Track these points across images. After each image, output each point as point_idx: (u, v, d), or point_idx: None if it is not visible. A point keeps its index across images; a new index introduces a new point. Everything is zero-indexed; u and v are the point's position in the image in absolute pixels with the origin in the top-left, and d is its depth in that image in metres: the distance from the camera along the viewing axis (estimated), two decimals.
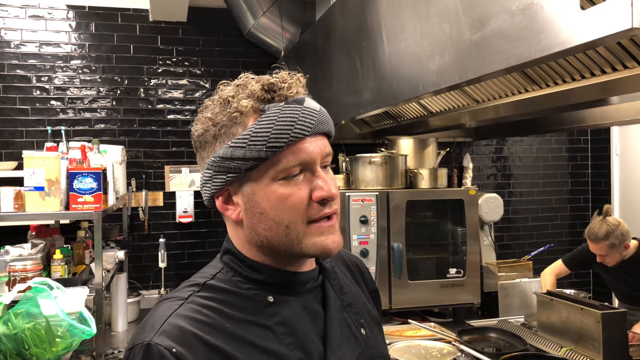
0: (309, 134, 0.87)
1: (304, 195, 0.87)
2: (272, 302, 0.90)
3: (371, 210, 3.14)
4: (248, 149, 0.85)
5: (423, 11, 1.86)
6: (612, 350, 2.35)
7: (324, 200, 0.88)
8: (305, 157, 0.86)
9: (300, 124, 0.86)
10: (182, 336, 0.83)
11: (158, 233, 4.01)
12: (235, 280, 0.92)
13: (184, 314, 0.86)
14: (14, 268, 2.15)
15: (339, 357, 0.91)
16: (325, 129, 0.91)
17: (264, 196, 0.87)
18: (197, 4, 4.09)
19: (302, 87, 0.93)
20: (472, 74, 1.62)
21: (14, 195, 2.24)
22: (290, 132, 0.85)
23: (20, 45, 3.85)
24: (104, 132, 3.97)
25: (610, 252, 2.92)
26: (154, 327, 0.84)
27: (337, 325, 0.95)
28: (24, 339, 1.60)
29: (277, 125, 0.85)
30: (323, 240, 0.88)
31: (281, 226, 0.87)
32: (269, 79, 0.90)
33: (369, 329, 1.02)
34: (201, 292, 0.90)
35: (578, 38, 1.19)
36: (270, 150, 0.85)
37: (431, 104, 2.74)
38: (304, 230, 0.88)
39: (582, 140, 4.78)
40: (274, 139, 0.84)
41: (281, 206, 0.87)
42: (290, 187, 0.87)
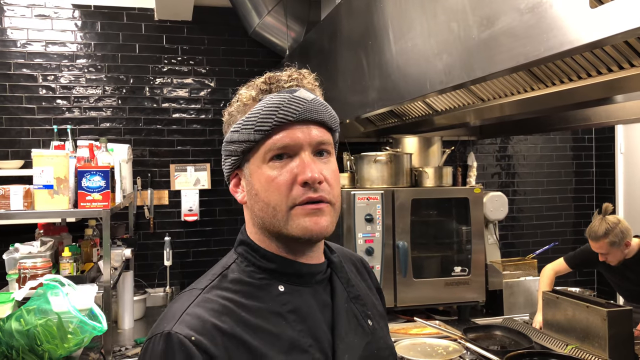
0: (294, 120, 0.92)
1: (289, 178, 0.92)
2: (283, 292, 0.94)
3: (376, 208, 3.15)
4: (241, 132, 0.94)
5: (430, 10, 1.87)
6: (617, 348, 2.36)
7: (306, 183, 0.91)
8: (289, 141, 0.92)
9: (284, 110, 0.92)
10: (200, 325, 0.86)
11: (163, 231, 4.02)
12: (248, 271, 0.96)
13: (202, 305, 0.90)
14: (24, 265, 2.17)
15: (347, 344, 0.95)
16: (315, 117, 0.95)
17: (257, 178, 0.94)
18: (202, 3, 4.10)
19: (309, 82, 1.01)
20: (479, 73, 1.62)
21: (23, 193, 2.26)
22: (274, 116, 0.92)
23: (27, 45, 3.87)
24: (109, 131, 3.99)
25: (612, 250, 2.92)
26: (173, 318, 0.88)
27: (345, 316, 0.98)
28: (36, 335, 1.62)
29: (264, 110, 0.93)
30: (305, 222, 0.92)
31: (269, 207, 0.93)
32: (270, 74, 0.99)
33: (375, 322, 1.06)
34: (217, 282, 0.94)
35: (587, 37, 1.19)
36: (258, 133, 0.92)
37: (436, 102, 2.75)
38: (287, 213, 0.92)
39: (587, 138, 4.79)
40: (261, 122, 0.92)
41: (268, 187, 0.92)
42: (277, 170, 0.93)
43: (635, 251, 3.00)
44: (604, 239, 2.89)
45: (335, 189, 0.96)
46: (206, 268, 1.03)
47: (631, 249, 2.97)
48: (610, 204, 2.98)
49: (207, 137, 4.18)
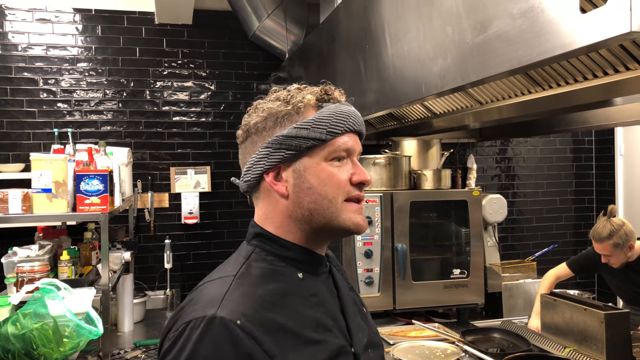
0: (355, 130, 1.07)
1: (347, 177, 1.04)
2: (303, 278, 1.03)
3: (375, 211, 3.16)
4: (312, 130, 1.02)
5: (426, 14, 1.88)
6: (615, 351, 2.36)
7: (361, 183, 1.05)
8: (350, 146, 1.05)
9: (352, 119, 1.06)
10: (243, 309, 0.90)
11: (164, 234, 4.03)
12: (269, 259, 1.03)
13: (238, 290, 0.94)
14: (21, 269, 2.18)
15: (357, 325, 1.08)
16: (363, 130, 1.11)
17: (314, 173, 1.03)
18: (202, 6, 4.11)
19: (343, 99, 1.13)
20: (474, 77, 1.63)
21: (22, 197, 2.27)
22: (346, 123, 1.04)
23: (28, 49, 3.89)
24: (110, 134, 4.00)
25: (615, 252, 2.91)
26: (214, 303, 0.90)
27: (350, 302, 1.11)
28: (32, 338, 1.63)
29: (337, 116, 1.04)
30: (357, 218, 1.05)
31: (325, 199, 1.02)
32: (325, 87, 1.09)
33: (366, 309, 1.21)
34: (245, 269, 1.00)
35: (578, 41, 1.20)
36: (330, 134, 1.03)
37: (435, 105, 2.75)
38: (342, 206, 1.03)
39: (587, 141, 4.78)
40: (334, 125, 1.03)
41: (328, 182, 1.03)
42: (337, 168, 1.04)
43: (638, 254, 2.98)
44: (608, 241, 2.87)
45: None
46: (207, 271, 1.05)
47: (634, 251, 2.96)
48: (614, 206, 2.98)
49: (207, 140, 4.19)
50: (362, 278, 3.12)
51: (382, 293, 3.15)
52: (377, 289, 3.14)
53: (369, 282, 3.12)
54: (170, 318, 0.96)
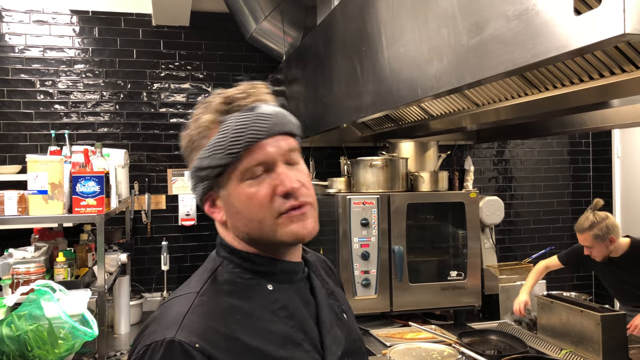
0: (263, 137, 0.95)
1: (268, 192, 0.95)
2: (272, 290, 0.98)
3: (372, 213, 3.16)
4: (212, 157, 0.95)
5: (421, 16, 1.88)
6: (611, 353, 2.36)
7: (287, 194, 0.96)
8: (262, 157, 0.95)
9: (252, 129, 0.95)
10: (202, 331, 0.88)
11: (161, 236, 4.03)
12: (236, 272, 0.99)
13: (200, 308, 0.91)
14: (17, 271, 2.17)
15: (333, 336, 1.02)
16: (282, 129, 0.98)
17: (235, 197, 0.97)
18: (200, 8, 4.11)
19: (265, 95, 1.02)
20: (469, 78, 1.63)
21: (17, 198, 2.27)
22: (244, 138, 0.94)
23: (25, 50, 3.89)
24: (107, 136, 4.00)
25: (596, 244, 2.96)
26: (174, 324, 0.88)
27: (327, 310, 1.05)
28: (27, 340, 1.62)
29: (233, 133, 0.94)
30: (293, 228, 0.97)
31: (254, 222, 0.96)
32: (227, 93, 1.00)
33: (347, 315, 1.13)
34: (210, 285, 0.96)
35: (572, 43, 1.20)
36: (230, 156, 0.94)
37: (432, 107, 2.76)
38: (275, 223, 0.96)
39: (584, 143, 4.79)
40: (231, 145, 0.94)
41: (250, 204, 0.96)
42: (255, 186, 0.96)
43: (623, 250, 3.03)
44: (588, 232, 2.94)
45: (311, 190, 1.02)
46: None
47: (618, 247, 3.01)
48: (600, 200, 3.04)
49: None
50: (359, 280, 3.11)
51: (379, 295, 3.15)
52: (374, 291, 3.14)
53: (366, 284, 3.11)
54: (137, 335, 0.95)
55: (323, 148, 4.25)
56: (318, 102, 3.06)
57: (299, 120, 1.09)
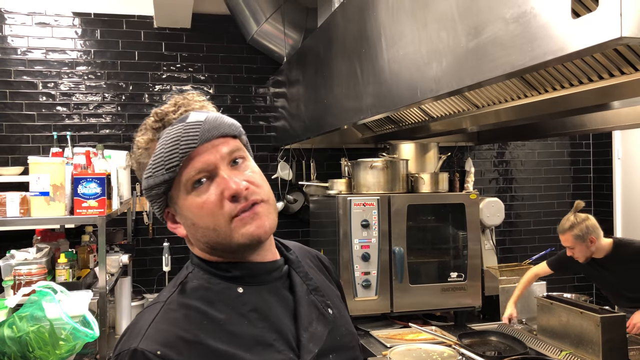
0: (196, 145, 0.94)
1: (216, 199, 0.95)
2: (243, 293, 0.98)
3: (372, 214, 3.17)
4: (154, 176, 0.96)
5: (421, 18, 1.89)
6: (611, 354, 2.37)
7: (234, 196, 0.95)
8: (201, 165, 0.95)
9: (184, 140, 0.94)
10: (165, 338, 0.89)
11: (162, 237, 4.04)
12: (206, 278, 0.99)
13: (164, 317, 0.92)
14: (19, 272, 2.19)
15: (311, 333, 1.00)
16: (216, 133, 0.97)
17: (187, 209, 0.97)
18: (201, 10, 4.13)
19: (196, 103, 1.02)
20: (468, 81, 1.64)
21: (19, 200, 2.28)
22: (178, 150, 0.94)
23: (27, 52, 3.90)
24: (109, 137, 4.01)
25: (577, 244, 3.00)
26: (139, 334, 0.90)
27: (306, 307, 1.03)
28: (28, 341, 1.63)
29: (166, 147, 0.94)
30: (248, 229, 0.95)
31: (209, 230, 0.96)
32: (159, 109, 1.00)
33: (336, 310, 1.10)
34: (178, 293, 0.97)
35: (570, 46, 1.21)
36: (170, 171, 0.94)
37: (432, 109, 2.77)
38: (229, 228, 0.95)
39: (584, 144, 4.79)
40: (168, 160, 0.94)
41: (202, 213, 0.95)
42: (203, 195, 0.95)
43: (606, 251, 3.05)
44: (569, 232, 2.99)
45: (263, 187, 1.00)
46: None
47: (601, 247, 3.03)
48: (581, 202, 3.08)
49: None
50: (359, 281, 3.12)
51: (380, 296, 3.16)
52: (374, 292, 3.15)
53: (367, 285, 3.12)
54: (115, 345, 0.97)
55: (324, 149, 4.26)
56: (318, 104, 3.07)
57: (299, 121, 1.09)
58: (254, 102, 4.27)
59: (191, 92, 1.04)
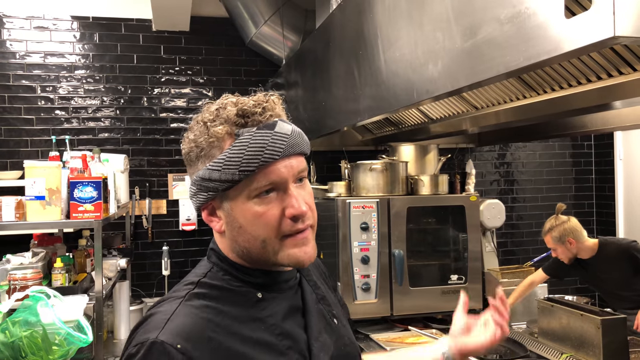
0: (279, 158, 0.93)
1: (277, 213, 0.94)
2: (261, 298, 0.98)
3: (372, 217, 3.15)
4: (223, 172, 0.93)
5: (417, 19, 1.88)
6: (612, 357, 2.34)
7: (295, 217, 0.95)
8: (275, 178, 0.94)
9: (269, 149, 0.93)
10: (185, 333, 0.88)
11: (161, 241, 4.03)
12: (226, 279, 0.99)
13: (184, 312, 0.92)
14: (14, 277, 2.18)
15: (321, 343, 1.01)
16: (297, 150, 0.97)
17: (240, 213, 0.95)
18: (200, 13, 4.12)
19: (279, 109, 1.00)
20: (463, 82, 1.62)
21: (15, 204, 2.27)
22: (260, 157, 0.92)
23: (25, 56, 3.90)
24: (107, 141, 4.01)
25: (557, 246, 3.09)
26: (157, 326, 0.89)
27: (316, 316, 1.04)
28: (21, 346, 1.62)
29: (249, 150, 0.92)
30: (296, 253, 0.96)
31: (258, 240, 0.95)
32: (244, 105, 0.96)
33: (339, 320, 1.12)
34: (197, 290, 0.96)
35: (564, 46, 1.19)
36: (243, 174, 0.92)
37: (431, 110, 2.75)
38: (278, 244, 0.96)
39: (586, 145, 4.77)
40: (246, 163, 0.92)
41: (256, 222, 0.94)
42: (264, 205, 0.94)
43: (592, 251, 3.10)
44: (548, 234, 3.11)
45: (315, 212, 1.01)
46: None
47: (585, 249, 3.09)
48: (562, 204, 3.21)
49: None
50: (359, 284, 3.10)
51: (379, 299, 3.14)
52: (374, 295, 3.13)
53: (366, 288, 3.10)
54: (127, 337, 0.96)
55: (324, 152, 4.24)
56: (317, 106, 3.05)
57: (299, 123, 1.07)
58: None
59: (273, 96, 1.01)
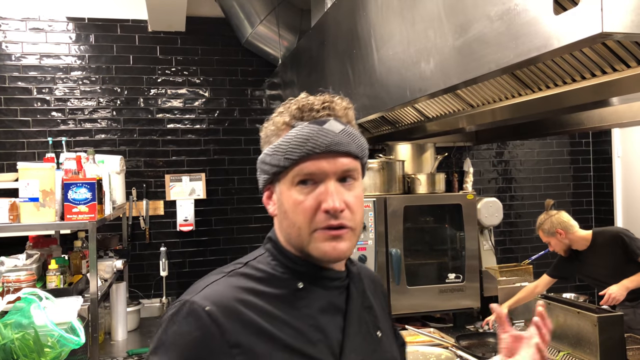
0: (320, 152, 0.99)
1: (313, 204, 0.99)
2: (302, 288, 1.02)
3: (369, 216, 3.14)
4: (273, 156, 1.02)
5: (409, 18, 1.87)
6: (609, 354, 2.33)
7: (329, 211, 0.98)
8: (315, 170, 0.99)
9: (312, 142, 0.99)
10: (217, 299, 0.96)
11: (159, 242, 4.02)
12: (273, 264, 1.05)
13: (223, 284, 1.00)
14: (7, 279, 2.17)
15: (355, 346, 1.03)
16: (342, 149, 1.00)
17: (285, 198, 1.02)
18: (195, 13, 4.12)
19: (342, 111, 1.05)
20: (455, 79, 1.62)
21: (8, 206, 2.26)
22: (303, 147, 0.99)
23: (21, 58, 3.90)
24: (104, 142, 4.00)
25: (550, 239, 3.15)
26: (195, 291, 0.99)
27: (356, 320, 1.06)
28: (13, 349, 1.62)
29: (295, 140, 1.00)
30: (325, 247, 1.00)
31: (295, 227, 1.01)
32: (307, 101, 1.05)
33: (385, 336, 1.13)
34: (242, 270, 1.03)
35: (553, 43, 1.19)
36: (288, 161, 1.00)
37: (427, 109, 2.74)
38: (310, 235, 1.00)
39: (584, 143, 4.76)
40: (291, 151, 0.99)
41: (295, 209, 1.01)
42: (303, 195, 1.00)
43: (587, 242, 3.14)
44: (540, 229, 3.17)
45: (357, 215, 1.03)
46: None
47: (578, 239, 3.13)
48: (550, 200, 3.27)
49: (202, 147, 4.19)
50: None
51: None
52: None
53: None
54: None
55: None
56: None
57: None
58: (250, 104, 4.26)
59: (339, 99, 1.07)
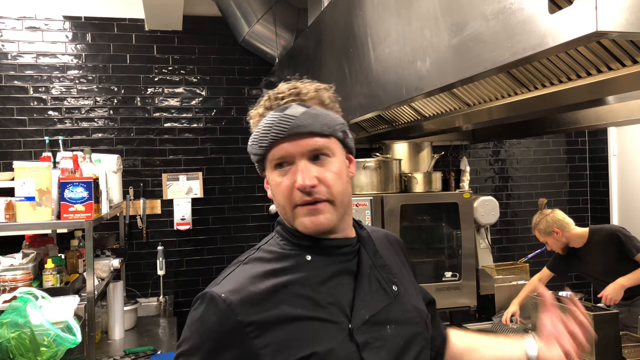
0: (284, 136, 1.06)
1: (289, 184, 1.08)
2: (310, 261, 1.10)
3: (365, 215, 3.15)
4: (252, 146, 1.12)
5: (405, 16, 1.87)
6: (605, 352, 2.34)
7: (301, 189, 1.06)
8: (283, 153, 1.08)
9: (275, 129, 1.07)
10: (232, 286, 1.05)
11: (156, 241, 4.02)
12: (282, 244, 1.14)
13: (239, 272, 1.10)
14: (3, 278, 2.17)
15: (366, 302, 1.09)
16: (303, 130, 1.07)
17: (271, 182, 1.12)
18: (192, 12, 4.11)
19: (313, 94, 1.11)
20: (451, 78, 1.62)
21: (4, 205, 2.26)
22: (268, 135, 1.08)
23: (18, 57, 3.89)
24: (101, 142, 4.00)
25: (546, 237, 3.16)
26: (214, 284, 1.09)
27: (367, 280, 1.12)
28: (9, 348, 1.62)
29: (263, 129, 1.09)
30: (305, 221, 1.08)
31: (280, 206, 1.12)
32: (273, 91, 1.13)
33: (402, 288, 1.19)
34: (255, 254, 1.14)
35: (547, 41, 1.19)
36: (261, 148, 1.09)
37: (424, 107, 2.75)
38: (292, 212, 1.09)
39: (580, 141, 4.77)
40: (261, 140, 1.09)
41: (277, 190, 1.10)
42: (281, 177, 1.09)
43: (584, 239, 3.15)
44: (536, 229, 3.20)
45: (334, 187, 1.09)
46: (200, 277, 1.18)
47: (574, 237, 3.14)
48: (544, 199, 3.29)
49: (199, 145, 4.18)
50: None
51: None
52: None
53: None
54: None
55: None
56: None
57: None
58: (247, 103, 4.25)
59: (303, 82, 1.15)
